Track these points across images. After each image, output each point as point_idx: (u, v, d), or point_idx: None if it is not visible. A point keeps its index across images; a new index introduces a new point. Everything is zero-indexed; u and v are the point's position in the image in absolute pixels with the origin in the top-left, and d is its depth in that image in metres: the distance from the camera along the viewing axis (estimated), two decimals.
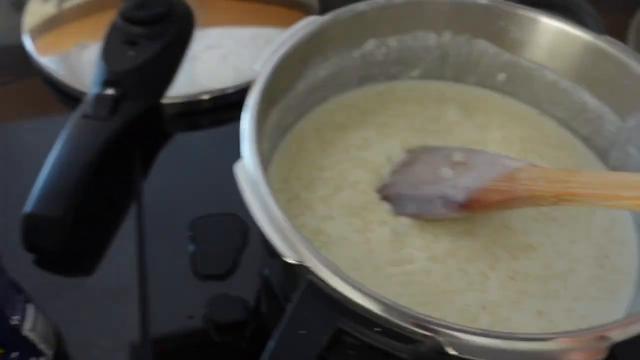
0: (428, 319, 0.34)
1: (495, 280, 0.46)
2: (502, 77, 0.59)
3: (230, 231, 0.55)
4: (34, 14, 0.75)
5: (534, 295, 0.46)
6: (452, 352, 0.33)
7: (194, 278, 0.53)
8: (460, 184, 0.46)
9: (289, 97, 0.53)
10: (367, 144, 0.55)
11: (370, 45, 0.57)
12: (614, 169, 0.54)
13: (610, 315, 0.45)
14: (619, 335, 0.34)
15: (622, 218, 0.52)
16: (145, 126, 0.63)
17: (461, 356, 0.33)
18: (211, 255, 0.54)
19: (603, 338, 0.33)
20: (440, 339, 0.34)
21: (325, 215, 0.50)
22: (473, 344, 0.34)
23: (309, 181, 0.52)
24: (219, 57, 0.69)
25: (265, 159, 0.52)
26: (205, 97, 0.66)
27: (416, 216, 0.49)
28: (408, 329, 0.34)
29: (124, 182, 0.60)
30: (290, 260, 0.37)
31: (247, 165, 0.41)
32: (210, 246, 0.55)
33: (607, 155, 0.54)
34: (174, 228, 0.56)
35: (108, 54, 0.64)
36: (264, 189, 0.40)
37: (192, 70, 0.68)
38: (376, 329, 0.35)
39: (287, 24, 0.54)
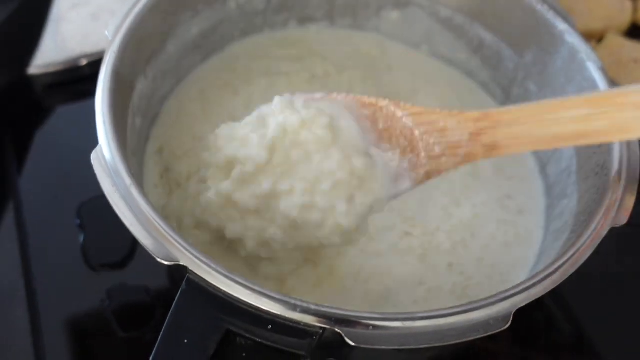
0: (323, 309, 0.31)
1: None
2: (395, 15, 0.55)
3: None
4: None
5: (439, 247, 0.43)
6: (352, 343, 0.30)
7: (87, 270, 0.47)
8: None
9: (159, 62, 0.46)
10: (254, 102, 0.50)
11: None
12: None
13: (520, 262, 0.44)
14: (522, 302, 0.32)
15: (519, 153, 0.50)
16: (11, 103, 0.55)
17: (361, 346, 0.30)
18: (104, 242, 0.48)
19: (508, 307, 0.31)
20: (339, 329, 0.31)
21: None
22: (374, 330, 0.31)
23: (183, 152, 0.46)
24: (88, 16, 0.61)
25: (142, 134, 0.46)
26: (83, 61, 0.58)
27: None
28: (302, 322, 0.31)
29: None
30: (164, 262, 0.32)
31: (105, 153, 0.35)
32: (102, 233, 0.49)
33: (509, 93, 0.52)
34: (60, 216, 0.50)
35: None
36: (127, 180, 0.34)
37: (59, 33, 0.59)
38: (269, 327, 0.31)
39: None
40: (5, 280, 0.47)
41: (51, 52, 0.58)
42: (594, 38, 0.63)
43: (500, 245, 0.45)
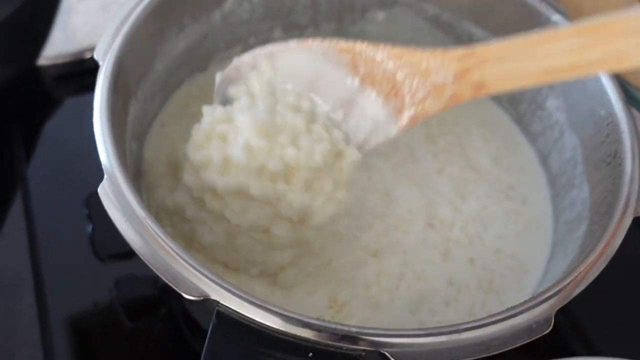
0: (364, 330, 0.30)
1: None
2: (381, 16, 0.54)
3: None
4: None
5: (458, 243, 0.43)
6: None
7: (94, 260, 0.47)
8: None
9: (148, 82, 0.44)
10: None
11: (231, 2, 0.49)
12: (509, 100, 0.52)
13: (536, 250, 0.44)
14: (562, 302, 0.32)
15: (514, 144, 0.50)
16: (21, 94, 0.55)
17: None
18: (112, 233, 0.47)
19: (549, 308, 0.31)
20: (384, 350, 0.30)
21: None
22: (419, 347, 0.30)
23: (155, 178, 0.44)
24: (98, 7, 0.61)
25: (138, 159, 0.44)
26: (88, 54, 0.57)
27: None
28: (344, 347, 0.30)
29: (3, 163, 0.53)
30: (191, 297, 0.30)
31: (116, 189, 0.33)
32: (110, 223, 0.48)
33: None
34: (68, 207, 0.49)
35: None
36: (140, 213, 0.32)
37: (69, 24, 0.59)
38: (309, 355, 0.30)
39: None
40: (12, 269, 0.46)
41: (61, 44, 0.57)
42: None
43: (513, 234, 0.45)
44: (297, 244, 0.39)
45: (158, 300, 0.46)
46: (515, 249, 0.44)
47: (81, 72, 0.57)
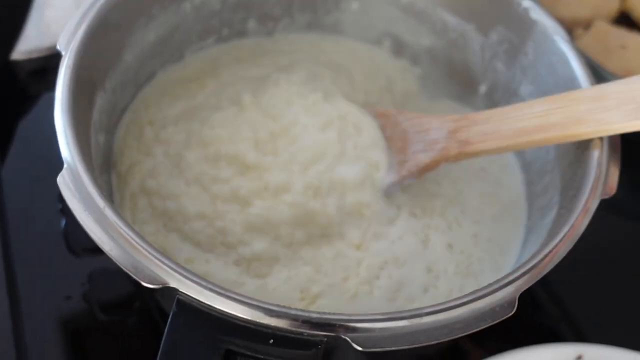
0: (324, 316, 0.30)
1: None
2: (355, 5, 0.54)
3: None
4: None
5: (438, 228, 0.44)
6: (359, 348, 0.29)
7: (67, 255, 0.47)
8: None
9: (117, 73, 0.44)
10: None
11: None
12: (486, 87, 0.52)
13: (512, 232, 0.45)
14: (525, 285, 0.31)
15: None
16: None
17: (370, 350, 0.29)
18: None
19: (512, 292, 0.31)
20: (345, 335, 0.29)
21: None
22: (380, 331, 0.29)
23: (127, 167, 0.44)
24: (72, 1, 0.60)
25: (107, 151, 0.44)
26: None
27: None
28: (305, 332, 0.30)
29: None
30: (151, 285, 0.30)
31: (73, 176, 0.33)
32: None
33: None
34: (42, 202, 0.49)
35: None
36: (99, 202, 0.32)
37: (42, 19, 0.58)
38: (270, 341, 0.30)
39: None
40: None
41: (35, 38, 0.57)
42: (581, 25, 0.62)
43: (489, 218, 0.45)
44: (270, 227, 0.40)
45: (132, 294, 0.46)
46: (492, 232, 0.44)
47: (57, 66, 0.58)
